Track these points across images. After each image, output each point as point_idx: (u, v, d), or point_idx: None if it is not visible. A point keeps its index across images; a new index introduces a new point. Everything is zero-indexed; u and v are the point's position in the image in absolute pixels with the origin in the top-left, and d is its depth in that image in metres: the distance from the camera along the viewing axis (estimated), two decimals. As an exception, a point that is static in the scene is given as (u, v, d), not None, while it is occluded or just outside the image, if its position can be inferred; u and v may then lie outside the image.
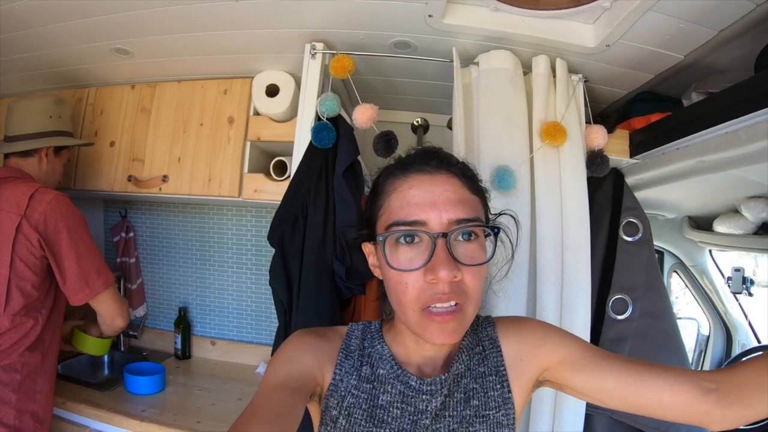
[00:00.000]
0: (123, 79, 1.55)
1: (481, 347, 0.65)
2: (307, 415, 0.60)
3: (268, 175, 1.40)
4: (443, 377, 0.61)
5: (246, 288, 1.80)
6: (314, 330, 0.67)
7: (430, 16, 1.07)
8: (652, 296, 1.22)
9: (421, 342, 0.60)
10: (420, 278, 0.54)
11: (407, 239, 0.55)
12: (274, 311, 1.21)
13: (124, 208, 1.88)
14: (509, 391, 0.62)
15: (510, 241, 0.69)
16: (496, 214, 0.68)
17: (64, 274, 1.13)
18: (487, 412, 0.61)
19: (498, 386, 0.62)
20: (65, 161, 1.37)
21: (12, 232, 1.08)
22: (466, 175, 0.60)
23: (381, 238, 0.57)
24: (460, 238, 0.56)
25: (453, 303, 0.53)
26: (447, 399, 0.61)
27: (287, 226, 1.11)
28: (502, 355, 0.64)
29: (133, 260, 1.85)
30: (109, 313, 1.22)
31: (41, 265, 1.12)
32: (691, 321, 2.09)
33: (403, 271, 0.55)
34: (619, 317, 1.21)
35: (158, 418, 1.28)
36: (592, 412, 1.17)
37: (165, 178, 1.46)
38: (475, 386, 0.62)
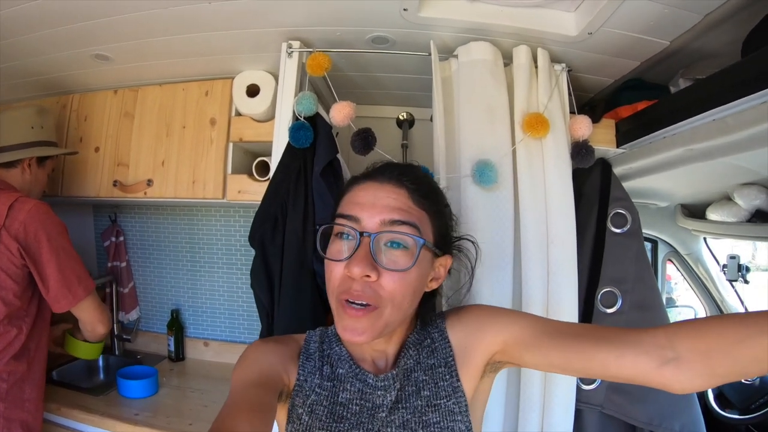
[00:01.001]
0: (105, 84, 1.54)
1: (430, 340, 0.68)
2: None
3: (251, 175, 1.39)
4: (394, 373, 0.64)
5: (237, 288, 1.80)
6: (272, 338, 0.71)
7: (405, 9, 1.05)
8: (641, 288, 1.19)
9: None
10: (342, 270, 0.58)
11: (343, 235, 0.59)
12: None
13: (113, 212, 1.88)
14: (458, 380, 0.64)
15: (471, 264, 0.71)
16: (456, 238, 0.70)
17: (46, 282, 1.13)
18: (438, 402, 0.63)
19: (447, 376, 0.65)
20: (49, 171, 1.37)
21: None
22: (418, 191, 0.62)
23: (318, 227, 0.62)
24: (389, 244, 0.58)
25: (362, 303, 0.56)
26: (400, 393, 0.64)
27: (267, 226, 1.10)
28: (451, 346, 0.66)
29: (124, 264, 1.85)
30: (91, 319, 1.22)
31: (22, 274, 1.12)
32: (688, 309, 2.07)
33: (330, 260, 0.59)
34: (609, 311, 1.18)
35: (151, 422, 1.29)
36: (583, 407, 1.16)
37: (150, 182, 1.46)
38: (425, 378, 0.65)
